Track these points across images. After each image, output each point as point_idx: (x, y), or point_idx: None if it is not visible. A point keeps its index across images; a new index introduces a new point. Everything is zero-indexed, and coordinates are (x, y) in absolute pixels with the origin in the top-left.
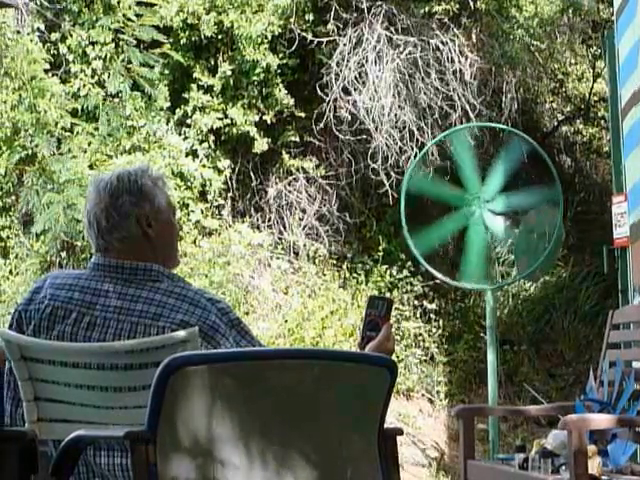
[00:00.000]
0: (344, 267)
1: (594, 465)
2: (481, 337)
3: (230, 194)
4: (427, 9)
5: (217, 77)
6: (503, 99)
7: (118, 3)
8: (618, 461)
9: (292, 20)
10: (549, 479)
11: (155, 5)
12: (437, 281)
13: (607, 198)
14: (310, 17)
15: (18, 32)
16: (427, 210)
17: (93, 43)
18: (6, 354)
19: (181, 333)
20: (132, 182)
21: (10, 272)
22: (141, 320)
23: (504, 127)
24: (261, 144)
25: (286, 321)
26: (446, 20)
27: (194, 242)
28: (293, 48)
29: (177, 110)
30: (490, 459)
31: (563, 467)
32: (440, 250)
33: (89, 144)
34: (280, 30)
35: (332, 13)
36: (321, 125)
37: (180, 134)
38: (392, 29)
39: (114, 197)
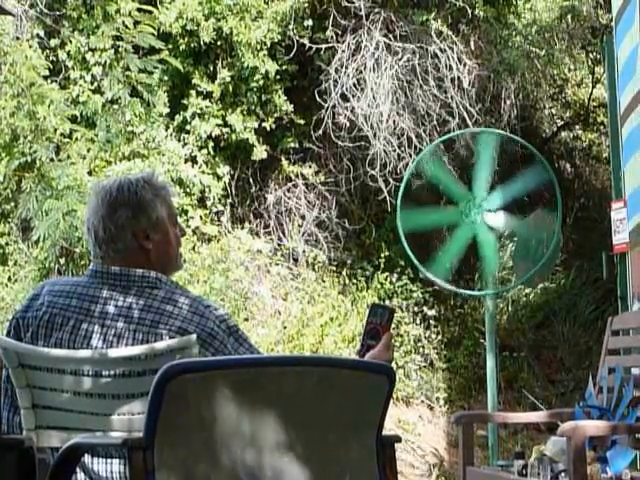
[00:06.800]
0: (343, 274)
1: (593, 472)
2: (481, 343)
3: (229, 200)
4: (425, 17)
5: (216, 83)
6: (502, 105)
7: (118, 10)
8: (617, 468)
9: (291, 27)
10: None
11: (154, 12)
12: (437, 287)
13: (606, 204)
14: (309, 24)
15: (17, 38)
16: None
17: (92, 49)
18: (4, 361)
19: (179, 340)
20: (131, 193)
21: (9, 279)
22: (139, 327)
23: (502, 133)
24: (260, 150)
25: (285, 327)
26: (444, 27)
27: (193, 248)
28: (292, 54)
29: (176, 116)
30: (489, 465)
31: (562, 474)
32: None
33: (88, 150)
34: (279, 37)
35: (331, 20)
36: (320, 132)
37: (179, 140)
38: (390, 36)
39: (112, 208)
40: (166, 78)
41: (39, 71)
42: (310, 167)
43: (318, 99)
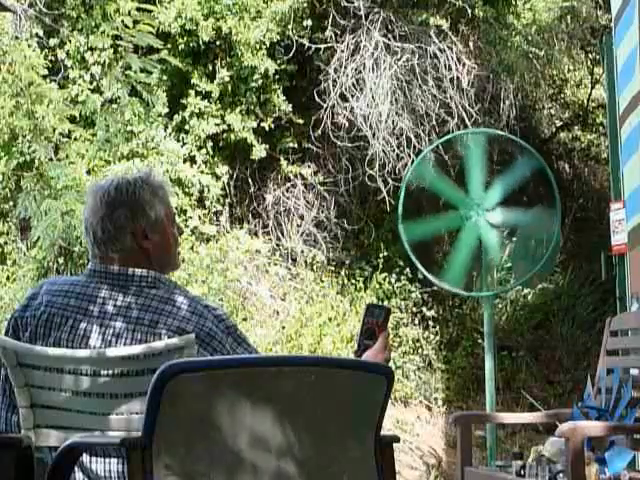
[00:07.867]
0: (342, 274)
1: (591, 472)
2: (479, 344)
3: (228, 200)
4: (425, 16)
5: (215, 83)
6: (501, 106)
7: (117, 9)
8: (616, 468)
9: (290, 26)
10: None
11: (153, 11)
12: (435, 288)
13: (605, 205)
14: (308, 23)
15: (16, 37)
16: (424, 216)
17: (92, 49)
18: (2, 360)
19: (177, 340)
20: (130, 194)
21: (7, 278)
22: (137, 327)
23: (503, 134)
24: (259, 150)
25: (284, 327)
26: (444, 27)
27: (192, 248)
28: (291, 54)
29: (175, 116)
30: (488, 466)
31: (560, 474)
32: (438, 257)
33: (87, 150)
34: (278, 36)
35: (330, 20)
36: (319, 132)
37: (178, 140)
38: (390, 36)
39: (110, 209)
40: (165, 78)
41: (38, 70)
42: (309, 167)
43: (317, 99)
